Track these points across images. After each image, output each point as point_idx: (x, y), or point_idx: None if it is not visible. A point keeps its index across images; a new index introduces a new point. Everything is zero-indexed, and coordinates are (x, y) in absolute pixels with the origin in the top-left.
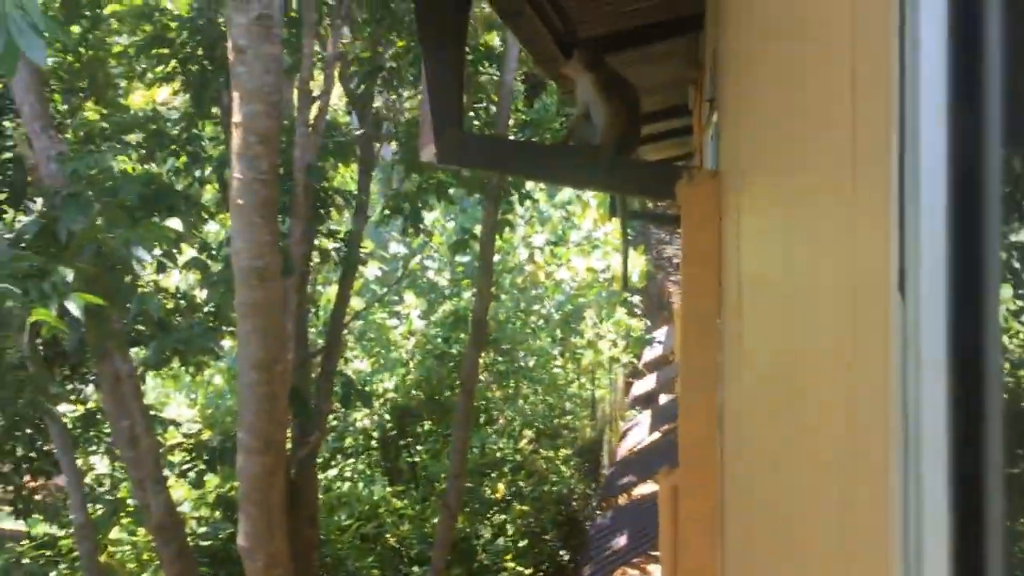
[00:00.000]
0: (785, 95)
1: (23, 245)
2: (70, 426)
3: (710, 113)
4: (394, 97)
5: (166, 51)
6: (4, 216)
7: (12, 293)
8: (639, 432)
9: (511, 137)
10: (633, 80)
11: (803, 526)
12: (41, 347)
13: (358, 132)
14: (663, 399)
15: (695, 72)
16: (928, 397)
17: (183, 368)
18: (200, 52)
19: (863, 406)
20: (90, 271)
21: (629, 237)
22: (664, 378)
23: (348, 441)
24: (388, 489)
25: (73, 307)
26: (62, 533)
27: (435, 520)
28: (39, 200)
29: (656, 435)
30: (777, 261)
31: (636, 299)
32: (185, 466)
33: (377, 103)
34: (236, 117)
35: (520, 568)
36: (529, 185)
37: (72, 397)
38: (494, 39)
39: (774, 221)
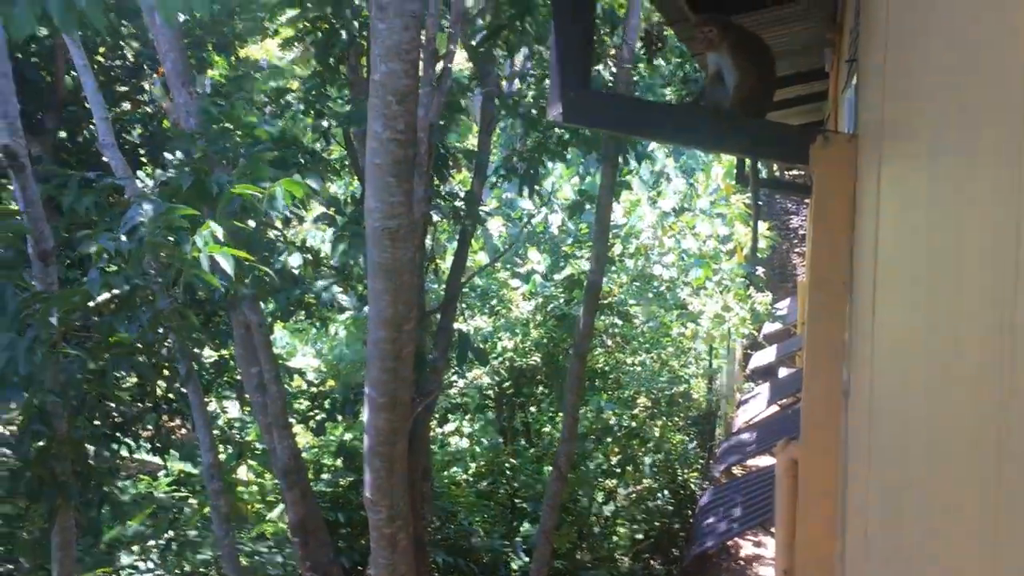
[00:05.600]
0: (942, 56)
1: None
2: (205, 371)
3: (849, 75)
4: (516, 56)
5: (297, 11)
6: (144, 168)
7: (167, 244)
8: (756, 404)
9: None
10: (767, 43)
11: (946, 509)
12: (179, 295)
13: (472, 92)
14: (782, 372)
15: (832, 33)
16: None
17: (308, 321)
18: (329, 10)
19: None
20: (236, 225)
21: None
22: (784, 351)
23: (465, 398)
24: (503, 448)
25: (224, 262)
26: (196, 471)
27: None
28: (178, 153)
29: (774, 408)
30: (920, 232)
31: (759, 270)
32: (308, 413)
33: (498, 61)
34: (375, 75)
35: (629, 533)
36: (656, 152)
37: (209, 344)
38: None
39: (919, 190)
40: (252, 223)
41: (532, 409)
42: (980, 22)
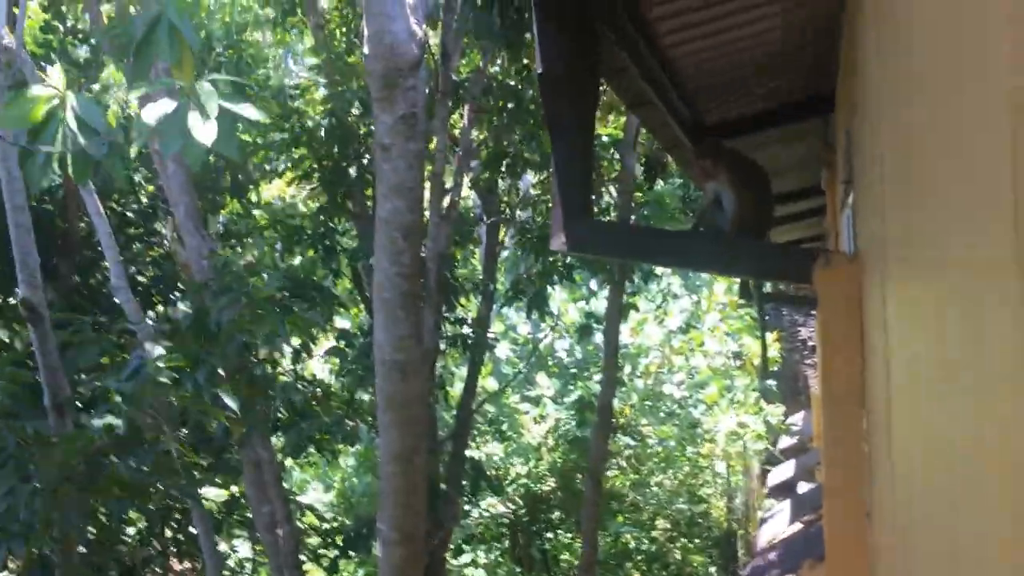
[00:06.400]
0: (939, 177)
1: (174, 335)
2: (215, 510)
3: (845, 194)
4: (518, 184)
5: (304, 151)
6: (156, 309)
7: (167, 383)
8: (778, 523)
9: (632, 218)
10: (763, 162)
11: None
12: (186, 433)
13: (484, 220)
14: (802, 487)
15: (827, 153)
16: None
17: (319, 454)
18: (335, 150)
19: None
20: (238, 362)
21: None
22: (802, 466)
23: (480, 528)
24: None
25: (227, 398)
26: None
27: None
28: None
29: (797, 526)
30: (931, 347)
31: (771, 383)
32: (320, 550)
33: (501, 188)
34: (381, 212)
35: None
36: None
37: (217, 482)
38: (618, 127)
39: (926, 305)
40: (254, 360)
41: (549, 536)
42: (974, 139)
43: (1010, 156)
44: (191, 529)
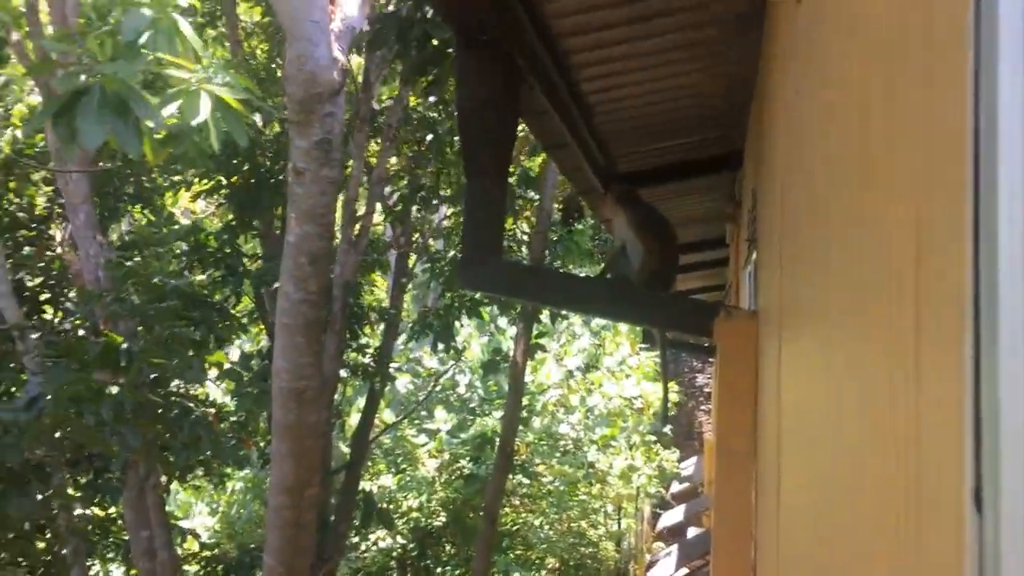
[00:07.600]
0: (843, 248)
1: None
2: (89, 532)
3: (749, 252)
4: (432, 216)
5: (211, 164)
6: (44, 314)
7: (69, 417)
8: (666, 566)
9: (546, 254)
10: (670, 212)
11: None
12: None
13: (394, 248)
14: (691, 532)
15: (732, 207)
16: None
17: (206, 478)
18: (245, 168)
19: None
20: (144, 397)
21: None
22: (692, 510)
23: (367, 561)
24: None
25: (131, 437)
26: None
27: None
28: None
29: (683, 571)
30: (821, 408)
31: (666, 428)
32: None
33: (414, 218)
34: (290, 237)
35: None
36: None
37: (94, 503)
38: (536, 163)
39: (821, 374)
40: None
41: (437, 571)
42: (865, 213)
43: (913, 243)
44: (59, 550)
